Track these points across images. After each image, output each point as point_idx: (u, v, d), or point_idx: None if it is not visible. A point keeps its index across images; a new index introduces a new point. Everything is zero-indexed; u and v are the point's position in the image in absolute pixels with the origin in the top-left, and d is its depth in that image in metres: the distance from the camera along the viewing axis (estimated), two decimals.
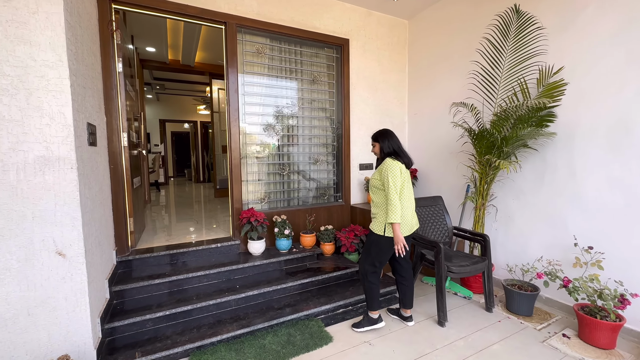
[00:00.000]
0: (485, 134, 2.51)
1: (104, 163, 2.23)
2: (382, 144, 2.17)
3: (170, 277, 2.35)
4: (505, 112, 2.41)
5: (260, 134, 3.16)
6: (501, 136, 2.47)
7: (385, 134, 2.19)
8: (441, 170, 3.45)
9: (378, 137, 2.20)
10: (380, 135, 2.20)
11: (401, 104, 3.86)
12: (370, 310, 2.22)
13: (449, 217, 2.83)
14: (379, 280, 2.22)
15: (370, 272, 2.18)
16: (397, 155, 2.13)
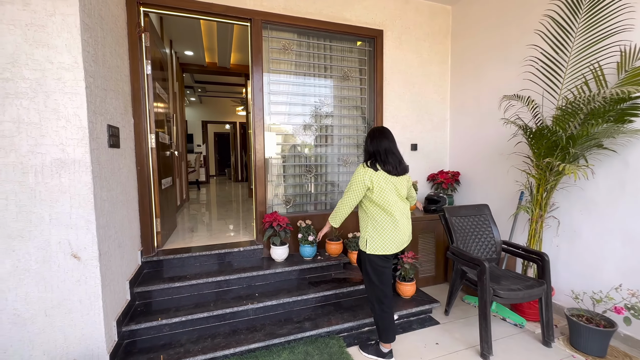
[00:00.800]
0: (546, 132, 2.08)
1: (129, 164, 2.25)
2: (365, 145, 1.94)
3: (190, 281, 2.31)
4: (573, 105, 1.97)
5: (286, 134, 3.02)
6: (567, 134, 2.03)
7: (372, 132, 1.92)
8: (488, 174, 3.02)
9: (366, 136, 1.95)
10: (368, 134, 1.95)
11: (442, 99, 3.47)
12: (383, 343, 1.92)
13: (497, 229, 2.43)
14: (391, 307, 1.90)
15: (378, 297, 1.87)
16: (377, 159, 1.85)
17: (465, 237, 2.37)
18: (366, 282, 1.94)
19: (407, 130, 3.34)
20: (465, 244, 2.35)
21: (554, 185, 2.22)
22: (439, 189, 3.30)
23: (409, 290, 2.51)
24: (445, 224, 2.38)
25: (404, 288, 2.51)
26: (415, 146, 3.37)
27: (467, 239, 2.37)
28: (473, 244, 2.37)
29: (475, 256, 2.02)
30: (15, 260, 1.51)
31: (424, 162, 3.45)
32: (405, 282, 2.51)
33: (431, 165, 3.48)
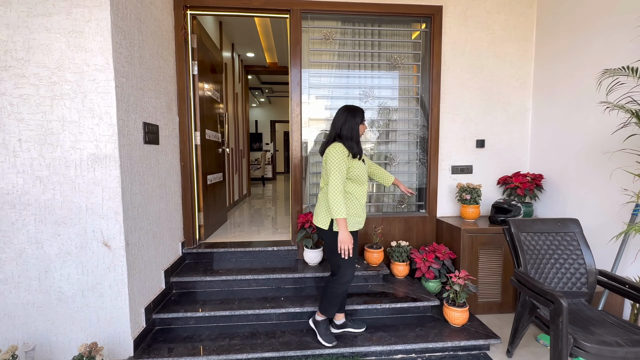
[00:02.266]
0: None
1: (171, 160, 2.38)
2: (337, 123, 1.82)
3: (221, 276, 2.34)
4: None
5: (326, 130, 2.83)
6: None
7: (349, 113, 1.80)
8: (583, 179, 2.28)
9: None
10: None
11: (522, 84, 2.79)
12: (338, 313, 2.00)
13: (591, 253, 1.79)
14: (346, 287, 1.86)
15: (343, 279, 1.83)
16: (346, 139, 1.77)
17: (538, 260, 1.81)
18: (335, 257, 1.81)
19: (472, 124, 2.79)
20: (537, 270, 1.80)
21: None
22: (513, 195, 2.67)
23: (458, 318, 2.06)
24: (510, 241, 1.86)
25: (452, 314, 2.07)
26: (482, 142, 2.79)
27: (541, 262, 1.81)
28: (550, 270, 1.80)
29: (547, 288, 1.50)
30: (60, 244, 1.70)
31: (494, 162, 2.83)
32: (454, 307, 2.07)
33: (504, 166, 2.84)
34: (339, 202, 1.66)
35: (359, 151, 1.77)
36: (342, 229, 1.67)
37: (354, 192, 1.80)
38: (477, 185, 2.59)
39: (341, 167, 1.69)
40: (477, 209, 2.59)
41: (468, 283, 2.05)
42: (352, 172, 1.76)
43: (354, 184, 1.80)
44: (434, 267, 2.41)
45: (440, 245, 2.55)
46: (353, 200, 1.80)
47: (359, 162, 1.79)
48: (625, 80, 1.66)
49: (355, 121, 1.78)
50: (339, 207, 1.65)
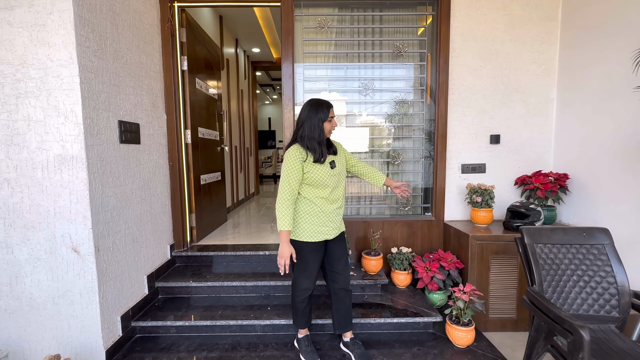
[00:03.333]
0: None
1: (157, 160, 2.28)
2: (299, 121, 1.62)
3: (207, 282, 2.22)
4: None
5: None
6: None
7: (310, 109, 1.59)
8: (618, 179, 1.94)
9: None
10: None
11: (544, 70, 2.45)
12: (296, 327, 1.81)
13: (623, 270, 1.49)
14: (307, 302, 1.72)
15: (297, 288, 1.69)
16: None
17: (557, 277, 1.53)
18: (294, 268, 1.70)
19: (486, 117, 2.49)
20: (556, 289, 1.52)
21: None
22: (532, 198, 2.35)
23: (462, 339, 1.81)
24: (523, 253, 1.59)
25: (456, 334, 1.83)
26: (497, 138, 2.49)
27: (560, 280, 1.52)
28: (572, 290, 1.51)
29: (566, 315, 1.23)
30: (30, 249, 1.63)
31: (511, 160, 2.52)
32: (458, 325, 1.83)
33: (522, 164, 2.52)
34: (282, 213, 1.51)
35: (321, 154, 1.55)
36: (281, 242, 1.53)
37: (313, 198, 1.59)
38: (489, 187, 2.30)
39: (291, 176, 1.52)
40: (489, 212, 2.30)
41: (474, 299, 1.80)
42: (308, 177, 1.55)
43: (313, 189, 1.58)
44: (438, 277, 2.16)
45: (447, 253, 2.29)
46: (312, 208, 1.60)
47: (319, 167, 1.56)
48: None
49: (318, 118, 1.55)
50: (282, 219, 1.51)
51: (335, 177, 1.59)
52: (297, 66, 2.52)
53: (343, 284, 1.69)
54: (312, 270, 1.63)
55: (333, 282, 1.71)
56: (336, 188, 1.62)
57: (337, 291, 1.71)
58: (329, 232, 1.63)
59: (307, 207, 1.60)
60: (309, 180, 1.55)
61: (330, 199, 1.61)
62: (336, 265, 1.69)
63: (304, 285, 1.66)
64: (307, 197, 1.59)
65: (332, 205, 1.62)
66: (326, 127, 1.57)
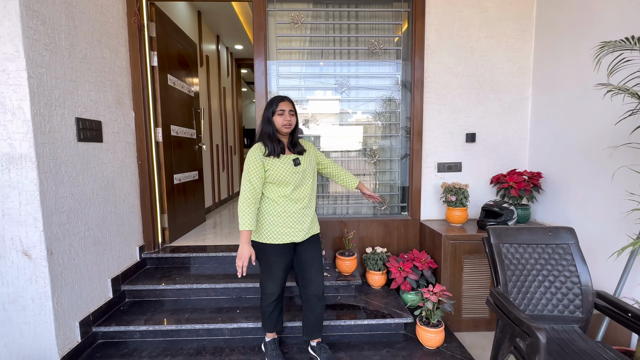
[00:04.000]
0: None
1: (123, 159, 2.20)
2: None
3: (176, 285, 2.15)
4: None
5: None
6: None
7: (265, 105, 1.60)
8: (586, 178, 1.94)
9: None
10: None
11: (519, 69, 2.44)
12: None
13: (587, 270, 1.47)
14: (274, 307, 1.67)
15: (263, 292, 1.66)
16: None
17: (523, 277, 1.51)
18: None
19: (461, 115, 2.47)
20: (522, 289, 1.50)
21: None
22: (507, 197, 2.34)
23: (431, 340, 1.79)
24: (490, 253, 1.56)
25: (425, 335, 1.80)
26: (473, 136, 2.47)
27: (526, 280, 1.51)
28: (537, 290, 1.49)
29: (524, 317, 1.21)
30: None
31: (487, 159, 2.50)
32: (427, 327, 1.80)
33: (498, 163, 2.51)
34: (243, 212, 1.48)
35: (273, 148, 1.52)
36: (240, 243, 1.49)
37: (275, 197, 1.55)
38: (463, 185, 2.28)
39: (250, 173, 1.49)
40: (464, 212, 2.28)
41: (443, 300, 1.77)
42: (269, 174, 1.52)
43: (276, 187, 1.54)
44: (411, 277, 2.13)
45: (422, 253, 2.27)
46: (275, 208, 1.55)
47: (279, 163, 1.52)
48: (635, 55, 1.32)
49: (269, 112, 1.54)
50: (242, 218, 1.48)
51: (298, 174, 1.55)
52: (270, 63, 2.47)
53: (315, 291, 1.63)
54: (277, 275, 1.58)
55: (304, 287, 1.66)
56: (300, 186, 1.57)
57: (309, 298, 1.65)
58: (295, 234, 1.58)
59: (269, 208, 1.55)
60: (270, 177, 1.52)
61: (293, 198, 1.56)
62: (307, 271, 1.63)
63: (269, 290, 1.61)
64: (269, 196, 1.55)
65: (296, 205, 1.57)
66: (277, 121, 1.53)
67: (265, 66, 2.38)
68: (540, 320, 1.48)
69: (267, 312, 1.66)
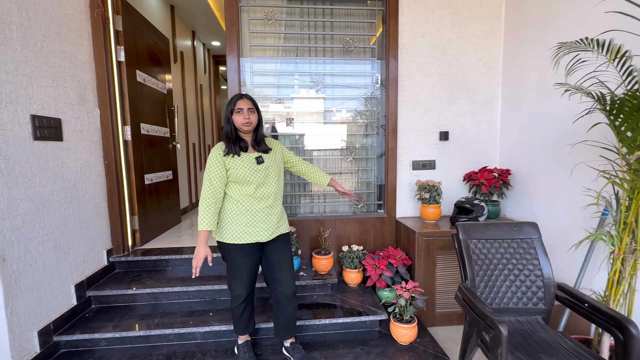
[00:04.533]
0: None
1: (87, 158, 2.10)
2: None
3: (146, 289, 2.08)
4: None
5: (270, 121, 2.54)
6: None
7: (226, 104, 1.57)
8: (550, 175, 2.02)
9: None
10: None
11: (490, 69, 2.51)
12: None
13: (549, 263, 1.53)
14: (243, 309, 1.63)
15: (231, 294, 1.63)
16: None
17: (490, 272, 1.55)
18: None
19: (434, 113, 2.51)
20: (488, 284, 1.54)
21: None
22: (478, 194, 2.40)
23: (404, 336, 1.81)
24: (458, 249, 1.60)
25: (398, 332, 1.82)
26: (446, 135, 2.52)
27: (492, 274, 1.55)
28: (503, 284, 1.54)
29: (488, 311, 1.24)
30: None
31: (460, 156, 2.56)
32: (401, 323, 1.82)
33: (470, 160, 2.57)
34: (202, 211, 1.47)
35: (231, 147, 1.50)
36: (198, 243, 1.49)
37: (238, 196, 1.52)
38: (437, 183, 2.32)
39: (210, 173, 1.48)
40: (437, 208, 2.33)
41: (416, 296, 1.80)
42: (230, 173, 1.50)
43: (238, 186, 1.52)
44: (386, 275, 2.15)
45: (397, 250, 2.29)
46: (237, 207, 1.53)
47: (240, 162, 1.49)
48: (590, 57, 1.37)
49: (227, 111, 1.53)
50: (201, 217, 1.47)
51: (262, 172, 1.52)
52: (244, 60, 2.42)
53: (285, 292, 1.61)
54: (243, 276, 1.55)
55: (274, 288, 1.64)
56: (263, 185, 1.54)
57: (279, 299, 1.63)
58: (259, 233, 1.55)
59: (232, 207, 1.52)
60: (231, 176, 1.49)
61: (257, 197, 1.53)
62: (276, 272, 1.61)
63: (236, 292, 1.57)
64: (232, 195, 1.52)
65: (259, 204, 1.54)
66: (236, 119, 1.50)
67: (238, 63, 2.33)
68: (505, 312, 1.52)
69: (237, 314, 1.62)
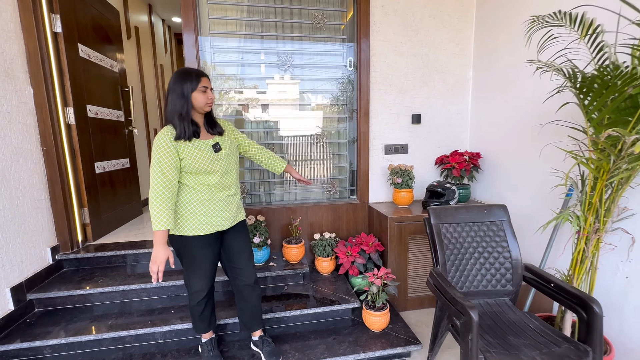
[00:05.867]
0: (615, 75, 1.11)
1: (18, 144, 1.82)
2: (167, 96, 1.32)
3: (98, 288, 1.88)
4: None
5: (232, 103, 2.36)
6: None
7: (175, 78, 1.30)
8: (519, 157, 2.03)
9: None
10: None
11: (462, 50, 2.46)
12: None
13: (517, 245, 1.53)
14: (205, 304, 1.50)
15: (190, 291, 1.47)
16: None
17: (460, 255, 1.53)
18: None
19: (407, 96, 2.44)
20: (459, 268, 1.52)
21: (627, 179, 1.24)
22: (450, 177, 2.39)
23: (377, 323, 1.77)
24: (430, 234, 1.56)
25: (371, 319, 1.78)
26: (419, 118, 2.47)
27: (463, 258, 1.53)
28: (474, 267, 1.52)
29: (458, 296, 1.20)
30: None
31: (432, 140, 2.53)
32: (373, 310, 1.78)
33: (442, 144, 2.55)
34: (156, 209, 1.24)
35: (182, 130, 1.28)
36: (155, 244, 1.26)
37: (197, 185, 1.35)
38: (409, 167, 2.28)
39: (162, 162, 1.24)
40: (410, 193, 2.29)
41: (387, 282, 1.76)
42: (187, 164, 1.29)
43: (198, 176, 1.33)
44: (359, 262, 2.10)
45: (369, 236, 2.24)
46: (197, 196, 1.36)
47: (196, 151, 1.30)
48: (562, 32, 1.33)
49: (184, 88, 1.28)
50: (156, 216, 1.24)
51: (223, 161, 1.37)
52: (204, 39, 2.20)
53: (246, 280, 1.51)
54: (204, 269, 1.42)
55: (234, 278, 1.52)
56: (227, 173, 1.40)
57: (241, 288, 1.53)
58: (221, 222, 1.41)
59: (190, 196, 1.35)
60: (189, 167, 1.30)
61: (221, 186, 1.39)
62: (236, 260, 1.49)
63: (196, 287, 1.44)
64: (188, 184, 1.34)
65: (222, 193, 1.40)
66: (198, 98, 1.31)
67: (196, 37, 2.11)
68: (476, 295, 1.52)
69: (198, 312, 1.49)
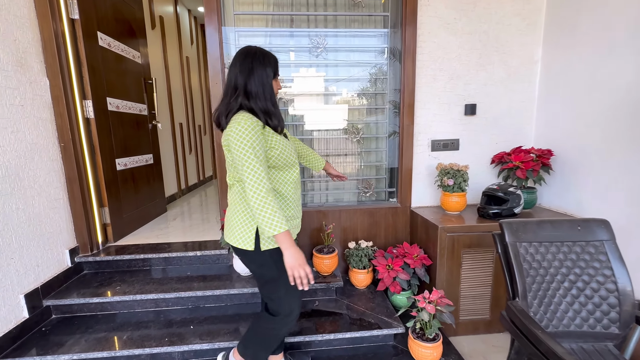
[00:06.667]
0: None
1: (32, 140, 1.70)
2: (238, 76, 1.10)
3: (115, 296, 1.74)
4: None
5: None
6: None
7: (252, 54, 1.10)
8: (613, 154, 1.61)
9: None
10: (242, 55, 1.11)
11: (529, 25, 2.04)
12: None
13: (627, 273, 1.16)
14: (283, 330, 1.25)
15: (288, 315, 1.21)
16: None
17: (545, 284, 1.18)
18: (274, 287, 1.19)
19: (460, 82, 2.07)
20: (544, 299, 1.17)
21: None
22: (511, 179, 2.01)
23: (427, 357, 1.47)
24: (504, 255, 1.22)
25: (420, 351, 1.48)
26: (473, 108, 2.09)
27: (548, 288, 1.18)
28: (563, 300, 1.17)
29: (558, 349, 0.87)
30: None
31: (488, 135, 2.14)
32: (422, 341, 1.48)
33: (500, 139, 2.16)
34: (268, 211, 0.99)
35: (279, 120, 1.14)
36: (287, 248, 1.02)
37: (280, 186, 1.16)
38: (463, 167, 1.92)
39: (257, 150, 1.02)
40: (462, 197, 1.94)
41: (442, 309, 1.45)
42: (273, 153, 1.09)
43: (280, 172, 1.15)
44: (402, 277, 1.80)
45: (413, 247, 1.93)
46: (283, 202, 1.17)
47: (281, 138, 1.13)
48: None
49: (266, 72, 1.10)
50: (272, 214, 0.99)
51: (295, 151, 1.23)
52: (227, 29, 1.96)
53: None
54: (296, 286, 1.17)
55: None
56: (296, 165, 1.23)
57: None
58: (299, 224, 1.30)
59: (279, 202, 1.18)
60: (277, 159, 1.11)
61: (299, 182, 1.23)
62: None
63: (296, 309, 1.21)
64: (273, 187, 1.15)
65: (299, 191, 1.25)
66: (275, 86, 1.16)
67: (218, 24, 1.87)
68: (566, 337, 1.17)
69: (282, 338, 1.32)
